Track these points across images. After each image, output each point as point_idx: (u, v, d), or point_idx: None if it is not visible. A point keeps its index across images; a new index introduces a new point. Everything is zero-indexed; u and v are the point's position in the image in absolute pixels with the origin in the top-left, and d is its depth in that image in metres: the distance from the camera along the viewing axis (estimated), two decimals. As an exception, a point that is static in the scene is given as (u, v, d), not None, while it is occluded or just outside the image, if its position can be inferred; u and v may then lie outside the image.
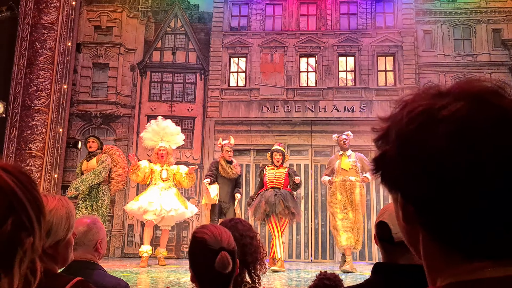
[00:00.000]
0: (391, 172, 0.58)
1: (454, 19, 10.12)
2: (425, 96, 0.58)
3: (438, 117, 0.54)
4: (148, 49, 10.55)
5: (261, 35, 10.36)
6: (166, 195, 6.95)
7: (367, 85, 9.97)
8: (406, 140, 0.56)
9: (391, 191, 0.60)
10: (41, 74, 8.60)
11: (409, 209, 0.57)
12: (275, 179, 6.99)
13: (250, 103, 10.05)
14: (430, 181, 0.53)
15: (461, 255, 0.54)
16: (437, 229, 0.55)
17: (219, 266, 1.43)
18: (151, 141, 7.37)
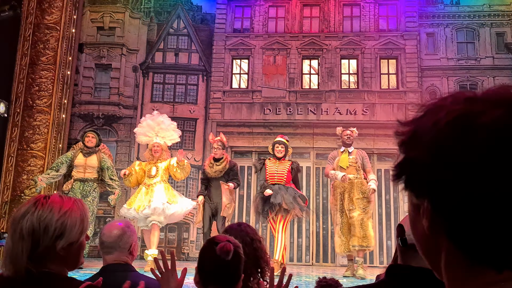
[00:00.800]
0: (421, 178, 0.56)
1: (457, 23, 10.10)
2: (455, 101, 0.56)
3: (478, 123, 0.52)
4: (150, 50, 10.54)
5: (263, 37, 10.35)
6: (150, 192, 6.48)
7: (370, 88, 9.95)
8: (442, 145, 0.54)
9: (418, 198, 0.58)
10: (43, 74, 8.60)
11: (437, 218, 0.55)
12: (277, 174, 6.39)
13: (252, 105, 10.04)
14: (467, 190, 0.51)
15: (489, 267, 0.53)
16: (467, 240, 0.53)
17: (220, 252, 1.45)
18: (145, 137, 6.98)
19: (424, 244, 0.60)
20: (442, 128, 0.54)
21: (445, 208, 0.54)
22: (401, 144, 0.59)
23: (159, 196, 6.42)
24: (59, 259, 1.31)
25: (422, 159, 0.55)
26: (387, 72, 10.06)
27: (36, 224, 1.26)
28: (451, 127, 0.54)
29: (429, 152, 0.55)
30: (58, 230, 1.28)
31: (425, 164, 0.55)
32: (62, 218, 1.29)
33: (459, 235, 0.54)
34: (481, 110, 0.53)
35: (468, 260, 0.54)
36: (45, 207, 1.29)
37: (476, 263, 0.54)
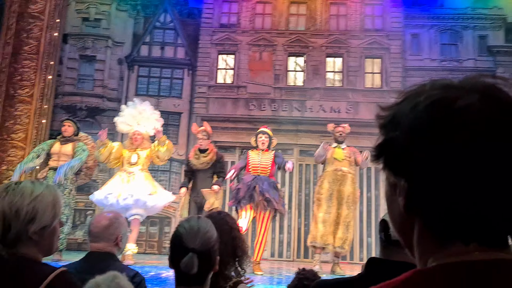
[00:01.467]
0: (399, 158, 0.59)
1: (441, 24, 10.24)
2: (433, 87, 0.59)
3: (454, 107, 0.55)
4: (136, 43, 10.48)
5: (250, 33, 10.36)
6: (131, 181, 6.21)
7: (354, 86, 10.03)
8: (419, 127, 0.57)
9: (395, 176, 0.60)
10: (26, 63, 8.48)
11: (413, 197, 0.58)
12: (260, 165, 6.13)
13: (237, 100, 10.05)
14: (441, 170, 0.55)
15: (454, 241, 0.56)
16: (439, 216, 0.56)
17: (184, 267, 1.41)
18: (126, 126, 6.67)
19: (399, 222, 0.63)
20: (420, 111, 0.57)
21: (420, 186, 0.57)
22: (381, 127, 0.62)
23: (141, 186, 6.18)
24: (32, 244, 1.31)
25: (401, 140, 0.58)
26: (371, 71, 10.16)
27: (7, 208, 1.26)
28: (429, 110, 0.57)
29: (407, 133, 0.58)
30: (30, 214, 1.28)
31: (404, 145, 0.58)
32: (33, 202, 1.29)
33: (432, 212, 0.57)
34: (457, 96, 0.56)
35: (438, 235, 0.57)
36: (16, 191, 1.29)
37: (446, 237, 0.57)
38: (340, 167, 6.28)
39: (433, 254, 0.57)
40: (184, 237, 1.45)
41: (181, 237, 1.46)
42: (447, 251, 0.56)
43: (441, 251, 0.57)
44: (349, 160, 6.38)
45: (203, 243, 1.45)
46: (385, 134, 0.61)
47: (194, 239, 1.44)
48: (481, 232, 0.55)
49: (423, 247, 0.59)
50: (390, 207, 0.64)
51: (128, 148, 6.52)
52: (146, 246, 9.35)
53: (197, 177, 6.34)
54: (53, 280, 1.24)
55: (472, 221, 0.55)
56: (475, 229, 0.55)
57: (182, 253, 1.42)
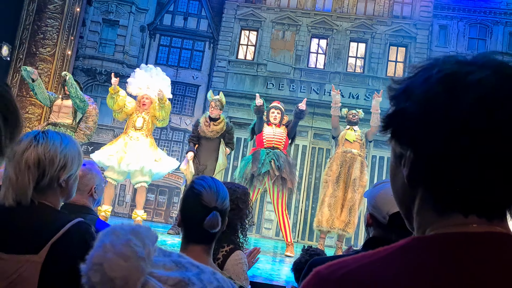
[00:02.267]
0: (408, 129, 0.59)
1: (472, 17, 9.96)
2: (447, 61, 0.60)
3: (466, 81, 0.56)
4: (160, 11, 10.41)
5: (275, 10, 10.21)
6: (134, 146, 6.11)
7: (376, 73, 9.87)
8: (431, 99, 0.57)
9: (402, 147, 0.61)
10: (49, 22, 8.49)
11: (418, 167, 0.59)
12: (275, 138, 5.98)
13: (256, 77, 9.98)
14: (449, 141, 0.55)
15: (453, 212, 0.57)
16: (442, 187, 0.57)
17: (208, 226, 1.42)
18: (137, 88, 6.59)
19: (401, 193, 0.64)
20: (433, 83, 0.58)
21: (425, 157, 0.58)
22: (392, 98, 0.62)
23: (146, 152, 6.10)
24: (58, 191, 1.36)
25: (412, 111, 0.59)
26: (395, 60, 9.97)
27: (42, 155, 1.30)
28: (441, 83, 0.57)
29: (419, 104, 0.58)
30: (62, 161, 1.33)
31: (414, 115, 0.58)
32: (64, 150, 1.34)
33: (434, 182, 0.58)
34: (470, 71, 0.57)
35: (439, 205, 0.58)
36: (47, 140, 1.33)
37: (446, 208, 0.58)
38: (351, 149, 6.25)
39: (432, 224, 0.58)
40: (205, 195, 1.45)
41: (200, 195, 1.46)
42: (446, 221, 0.57)
43: (440, 221, 0.58)
44: (360, 142, 6.35)
45: (222, 203, 1.47)
46: (395, 105, 0.61)
47: (215, 198, 1.46)
48: (480, 205, 0.56)
49: (423, 218, 0.60)
50: (393, 179, 0.65)
51: (135, 110, 6.43)
52: (154, 214, 9.48)
53: (202, 145, 6.20)
54: (70, 229, 1.30)
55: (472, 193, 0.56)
56: (475, 201, 0.56)
57: (202, 211, 1.43)
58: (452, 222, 0.57)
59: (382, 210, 1.49)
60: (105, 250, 0.97)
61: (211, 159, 6.15)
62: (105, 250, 0.97)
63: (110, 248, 0.97)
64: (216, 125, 6.13)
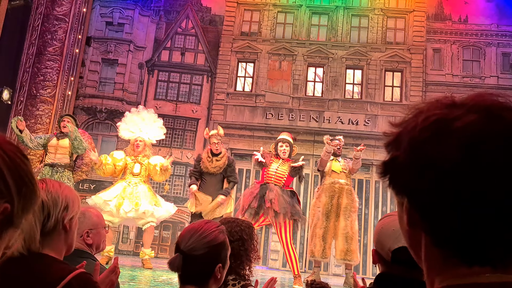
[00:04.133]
0: (400, 177, 0.60)
1: (464, 40, 10.13)
2: (439, 106, 0.59)
3: (452, 128, 0.55)
4: (157, 48, 10.59)
5: (270, 41, 10.39)
6: (133, 192, 6.09)
7: (373, 99, 9.97)
8: (418, 147, 0.57)
9: (397, 195, 0.62)
10: (49, 64, 8.63)
11: (415, 214, 0.59)
12: (275, 174, 5.73)
13: (255, 108, 10.06)
14: (438, 189, 0.55)
15: (461, 260, 0.56)
16: (440, 235, 0.57)
17: (169, 265, 1.43)
18: (128, 132, 6.53)
19: (408, 237, 0.64)
20: (419, 131, 0.58)
21: (419, 206, 0.58)
22: (387, 145, 0.63)
23: (146, 198, 6.13)
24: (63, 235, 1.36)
25: (401, 160, 0.59)
26: (391, 85, 10.09)
27: (45, 197, 1.31)
28: (427, 131, 0.57)
29: (407, 153, 0.58)
30: (65, 202, 1.35)
31: (404, 164, 0.58)
32: (64, 191, 1.37)
33: (432, 231, 0.58)
34: (457, 116, 0.56)
35: (443, 253, 0.58)
36: (46, 184, 1.36)
37: (449, 256, 0.57)
38: (338, 179, 6.31)
39: (440, 272, 0.57)
40: (181, 237, 1.47)
41: (179, 237, 1.48)
42: (452, 271, 0.56)
43: (448, 270, 0.57)
44: (346, 172, 6.41)
45: (195, 247, 1.43)
46: (389, 152, 0.62)
47: (186, 240, 1.44)
48: (481, 253, 0.55)
49: (430, 264, 0.59)
50: (400, 221, 0.65)
51: (129, 154, 6.42)
52: (159, 250, 9.37)
53: (205, 181, 6.14)
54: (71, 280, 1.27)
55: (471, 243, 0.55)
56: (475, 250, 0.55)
57: (175, 251, 1.45)
58: (461, 272, 0.56)
59: (384, 245, 1.48)
60: None
61: (216, 194, 6.05)
62: None
63: None
64: (219, 160, 6.11)
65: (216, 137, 6.18)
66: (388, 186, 0.62)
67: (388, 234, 1.46)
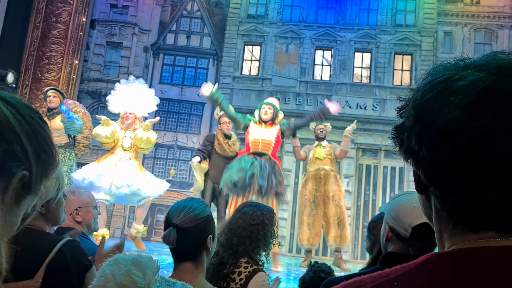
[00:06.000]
0: (407, 140, 0.59)
1: (476, 23, 9.89)
2: (451, 67, 0.58)
3: (454, 88, 0.54)
4: (162, 31, 10.46)
5: (277, 24, 10.21)
6: (123, 167, 5.76)
7: (382, 83, 9.80)
8: (421, 108, 0.56)
9: (405, 159, 0.61)
10: (54, 47, 8.56)
11: (420, 177, 0.58)
12: (261, 140, 5.14)
13: (262, 92, 9.93)
14: (439, 151, 0.54)
15: (467, 225, 0.55)
16: (445, 199, 0.55)
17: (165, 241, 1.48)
18: (119, 105, 6.12)
19: (420, 200, 0.63)
20: (422, 93, 0.57)
21: (424, 167, 0.57)
22: (399, 110, 0.62)
23: (136, 175, 5.80)
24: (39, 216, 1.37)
25: (407, 122, 0.59)
26: (401, 68, 9.90)
27: None
28: (430, 91, 0.56)
29: (410, 115, 0.58)
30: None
31: (408, 127, 0.58)
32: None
33: (437, 195, 0.56)
34: (463, 75, 0.55)
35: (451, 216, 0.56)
36: None
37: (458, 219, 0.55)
38: (323, 166, 6.27)
39: (450, 237, 0.57)
40: (170, 213, 1.52)
41: (167, 214, 1.53)
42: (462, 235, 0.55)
43: (457, 234, 0.56)
44: (331, 157, 6.38)
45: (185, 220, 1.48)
46: (401, 117, 0.61)
47: (177, 215, 1.50)
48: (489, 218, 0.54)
49: (440, 228, 0.59)
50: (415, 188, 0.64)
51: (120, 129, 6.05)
52: (153, 233, 9.37)
53: (216, 162, 5.93)
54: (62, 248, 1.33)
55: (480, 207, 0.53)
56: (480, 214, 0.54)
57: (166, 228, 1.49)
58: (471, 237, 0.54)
59: (404, 222, 1.45)
60: (106, 280, 0.92)
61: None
62: (107, 280, 0.92)
63: (111, 278, 0.91)
64: (235, 144, 6.06)
65: (226, 117, 6.05)
66: (398, 151, 0.62)
67: (409, 210, 1.43)
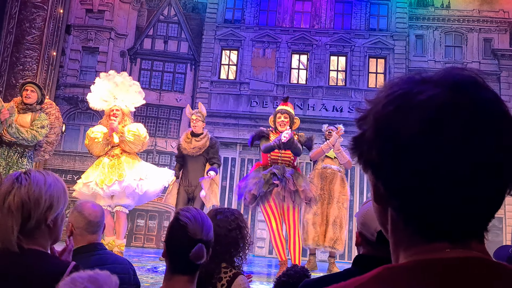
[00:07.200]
0: (365, 152, 0.60)
1: (446, 26, 10.20)
2: (408, 81, 0.59)
3: (413, 102, 0.55)
4: (139, 36, 10.42)
5: (254, 29, 10.31)
6: (115, 164, 5.31)
7: (357, 86, 10.00)
8: (382, 121, 0.57)
9: (365, 170, 0.62)
10: (28, 53, 8.43)
11: (380, 189, 0.59)
12: (281, 152, 5.00)
13: (240, 96, 10.02)
14: (400, 164, 0.55)
15: (422, 236, 0.57)
16: (402, 210, 0.57)
17: (194, 257, 1.46)
18: (101, 101, 5.62)
19: (377, 213, 0.65)
20: (382, 106, 0.58)
21: (383, 179, 0.58)
22: (358, 120, 0.63)
23: (128, 170, 5.29)
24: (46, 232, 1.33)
25: (367, 134, 0.59)
26: (375, 71, 10.13)
27: (26, 198, 1.26)
28: (391, 104, 0.57)
29: (371, 128, 0.59)
30: (48, 202, 1.30)
31: (368, 139, 0.59)
32: (49, 190, 1.31)
33: (396, 205, 0.58)
34: (421, 90, 0.56)
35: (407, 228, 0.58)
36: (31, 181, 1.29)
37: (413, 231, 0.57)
38: (330, 165, 6.17)
39: (405, 248, 0.58)
40: (190, 227, 1.48)
41: (186, 227, 1.49)
42: (417, 247, 0.56)
43: (411, 246, 0.57)
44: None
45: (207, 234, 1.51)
46: (359, 128, 0.62)
47: (200, 230, 1.49)
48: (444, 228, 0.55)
49: (396, 238, 0.60)
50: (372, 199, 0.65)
51: (106, 126, 5.53)
52: (145, 240, 9.34)
53: (188, 165, 5.67)
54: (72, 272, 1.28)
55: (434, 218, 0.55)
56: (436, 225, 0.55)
57: (188, 244, 1.46)
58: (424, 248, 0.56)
59: (370, 227, 1.49)
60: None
61: (197, 178, 5.58)
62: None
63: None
64: (198, 141, 5.59)
65: (196, 114, 5.71)
66: (357, 162, 0.62)
67: (374, 215, 1.46)
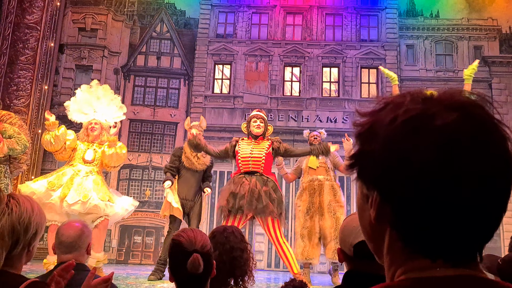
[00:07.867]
0: (373, 171, 0.59)
1: (436, 35, 10.32)
2: (414, 100, 0.59)
3: (432, 125, 0.55)
4: (132, 53, 10.49)
5: (246, 43, 10.40)
6: (82, 183, 4.96)
7: (350, 96, 10.07)
8: (396, 142, 0.56)
9: (368, 189, 0.61)
10: (22, 74, 8.47)
11: (385, 208, 0.59)
12: (251, 158, 4.83)
13: (234, 110, 10.06)
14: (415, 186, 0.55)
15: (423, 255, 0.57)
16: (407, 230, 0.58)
17: (191, 267, 1.49)
18: (80, 114, 5.42)
19: (370, 231, 0.64)
20: (398, 125, 0.57)
21: (392, 201, 0.58)
22: (357, 135, 0.61)
23: (97, 192, 5.00)
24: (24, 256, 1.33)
25: (377, 153, 0.58)
26: (367, 81, 10.21)
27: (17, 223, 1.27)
28: (407, 125, 0.56)
29: (383, 147, 0.57)
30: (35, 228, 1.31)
31: (379, 158, 0.58)
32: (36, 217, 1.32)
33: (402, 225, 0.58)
34: (436, 112, 0.56)
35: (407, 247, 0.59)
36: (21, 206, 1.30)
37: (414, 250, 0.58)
38: (316, 176, 5.93)
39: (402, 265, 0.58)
40: (184, 242, 1.54)
41: (180, 244, 1.54)
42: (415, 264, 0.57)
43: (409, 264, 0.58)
44: (325, 166, 6.01)
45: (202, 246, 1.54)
46: (361, 144, 0.61)
47: (193, 242, 1.54)
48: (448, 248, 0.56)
49: (392, 258, 0.60)
50: (361, 215, 0.65)
51: (82, 140, 5.28)
52: (142, 257, 9.29)
53: (186, 179, 5.53)
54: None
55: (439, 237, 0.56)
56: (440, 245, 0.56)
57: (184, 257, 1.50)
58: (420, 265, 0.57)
59: (346, 241, 1.50)
60: None
61: (196, 194, 5.55)
62: None
63: None
64: (205, 157, 5.48)
65: (198, 128, 5.69)
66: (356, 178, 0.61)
67: (349, 230, 1.48)
